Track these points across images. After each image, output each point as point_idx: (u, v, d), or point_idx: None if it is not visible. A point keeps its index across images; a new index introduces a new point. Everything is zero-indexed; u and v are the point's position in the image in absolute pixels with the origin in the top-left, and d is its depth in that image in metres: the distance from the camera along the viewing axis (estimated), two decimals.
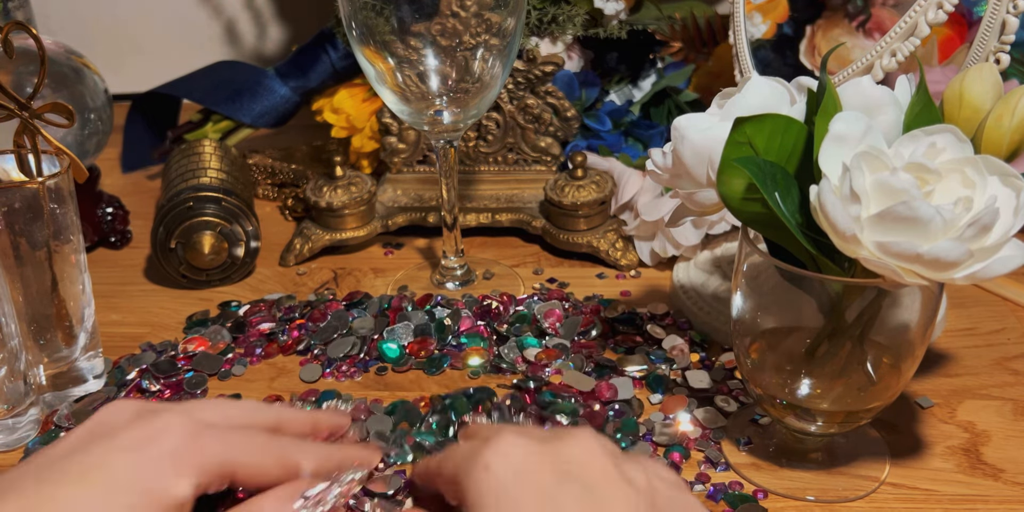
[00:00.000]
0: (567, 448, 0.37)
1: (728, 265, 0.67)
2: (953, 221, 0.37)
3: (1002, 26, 0.54)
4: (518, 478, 0.36)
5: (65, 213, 0.53)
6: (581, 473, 0.36)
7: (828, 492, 0.49)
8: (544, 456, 0.37)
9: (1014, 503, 0.48)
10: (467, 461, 0.37)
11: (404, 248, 0.76)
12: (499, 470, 0.36)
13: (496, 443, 0.37)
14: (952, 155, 0.39)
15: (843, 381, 0.46)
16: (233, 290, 0.71)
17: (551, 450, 0.37)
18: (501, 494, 0.35)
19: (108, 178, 0.90)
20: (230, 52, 1.13)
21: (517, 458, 0.37)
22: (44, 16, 1.08)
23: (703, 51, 0.85)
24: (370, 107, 0.81)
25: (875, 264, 0.38)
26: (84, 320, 0.57)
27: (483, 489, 0.36)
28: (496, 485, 0.36)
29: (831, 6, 0.70)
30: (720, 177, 0.42)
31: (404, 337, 0.62)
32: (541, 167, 0.77)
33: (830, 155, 0.40)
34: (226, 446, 0.40)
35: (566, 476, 0.36)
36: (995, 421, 0.54)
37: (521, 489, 0.35)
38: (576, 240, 0.72)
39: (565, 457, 0.37)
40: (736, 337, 0.48)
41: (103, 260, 0.76)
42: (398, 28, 0.56)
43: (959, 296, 0.66)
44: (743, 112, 0.42)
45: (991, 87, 0.41)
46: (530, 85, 0.74)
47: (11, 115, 0.52)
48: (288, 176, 0.85)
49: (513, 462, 0.36)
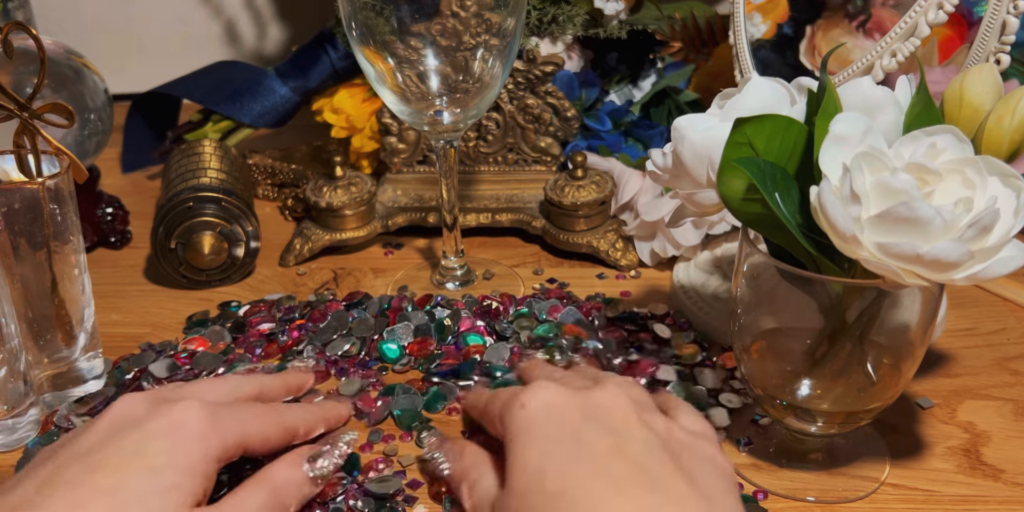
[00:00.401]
0: (596, 395, 0.43)
1: (728, 265, 0.67)
2: (953, 222, 0.37)
3: (1002, 27, 0.54)
4: (549, 415, 0.42)
5: (65, 213, 0.53)
6: (604, 416, 0.42)
7: (828, 493, 0.49)
8: (574, 399, 0.42)
9: (1014, 504, 0.48)
10: (509, 400, 0.43)
11: (404, 248, 0.76)
12: (533, 408, 0.42)
13: (534, 387, 0.43)
14: (952, 156, 0.39)
15: (843, 382, 0.46)
16: (233, 290, 0.71)
17: (582, 395, 0.43)
18: (533, 427, 0.41)
19: (108, 178, 0.90)
20: (230, 52, 1.13)
21: (549, 399, 0.42)
22: (44, 16, 1.08)
23: (703, 51, 0.85)
24: (370, 107, 0.81)
25: (875, 265, 0.38)
26: (84, 320, 0.57)
27: (518, 423, 0.42)
28: (529, 420, 0.42)
29: (831, 6, 0.70)
30: (720, 178, 0.42)
31: (404, 337, 0.62)
32: (541, 167, 0.77)
33: (830, 156, 0.39)
34: (239, 422, 0.45)
35: (590, 417, 0.41)
36: (995, 421, 0.54)
37: (550, 423, 0.41)
38: (576, 240, 0.72)
39: (593, 402, 0.42)
40: (736, 337, 0.48)
41: (103, 260, 0.76)
42: (398, 28, 0.56)
43: (959, 296, 0.66)
44: (743, 113, 0.42)
45: (991, 88, 0.41)
46: (530, 85, 0.74)
47: (11, 115, 0.52)
48: (288, 176, 0.85)
49: (546, 402, 0.42)
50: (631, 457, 0.39)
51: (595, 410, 0.42)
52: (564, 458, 0.39)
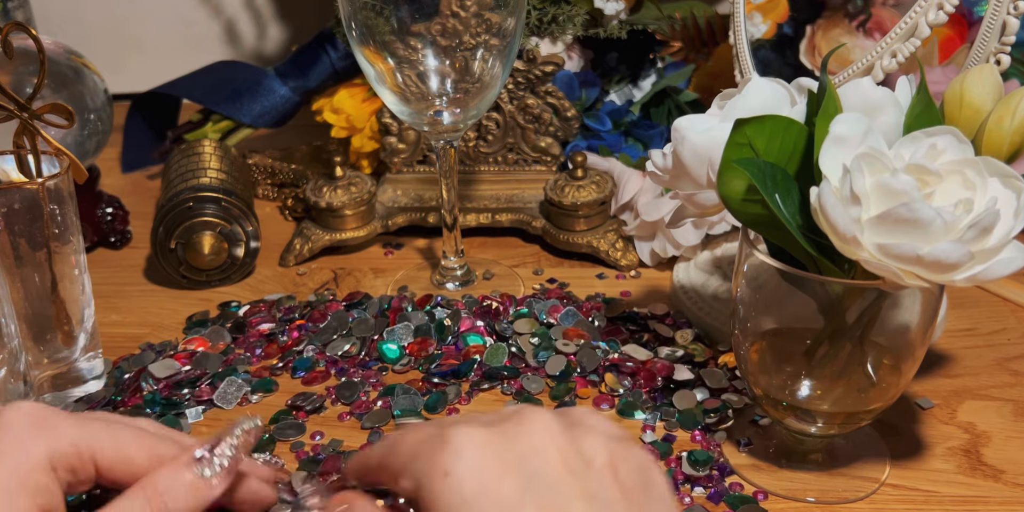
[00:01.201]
0: (525, 436, 0.36)
1: (728, 265, 0.67)
2: (954, 223, 0.37)
3: (1003, 27, 0.54)
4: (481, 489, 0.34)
5: (65, 214, 0.53)
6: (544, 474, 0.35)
7: (828, 493, 0.49)
8: (504, 451, 0.35)
9: (1014, 504, 0.48)
10: (423, 464, 0.36)
11: (404, 248, 0.76)
12: (462, 476, 0.35)
13: (451, 442, 0.35)
14: (952, 157, 0.39)
15: (843, 382, 0.46)
16: (233, 290, 0.71)
17: (509, 441, 0.36)
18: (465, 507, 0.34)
19: (108, 178, 0.90)
20: (230, 52, 1.13)
21: (477, 459, 0.35)
22: (44, 16, 1.08)
23: (703, 51, 0.85)
24: (370, 107, 0.80)
25: (875, 266, 0.38)
26: (84, 321, 0.57)
27: (445, 499, 0.35)
28: (460, 498, 0.34)
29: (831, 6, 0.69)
30: (720, 178, 0.42)
31: (404, 338, 0.62)
32: (541, 167, 0.77)
33: (830, 156, 0.39)
34: (83, 431, 0.39)
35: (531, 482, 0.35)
36: (995, 422, 0.54)
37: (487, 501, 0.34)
38: (576, 240, 0.72)
39: (525, 451, 0.35)
40: (736, 338, 0.48)
41: (103, 260, 0.76)
42: (398, 28, 0.56)
43: (959, 297, 0.66)
44: (743, 113, 0.42)
45: (992, 88, 0.41)
46: (530, 85, 0.74)
47: (11, 116, 0.52)
48: (288, 176, 0.85)
49: (475, 465, 0.35)
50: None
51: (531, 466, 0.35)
52: None
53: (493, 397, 0.57)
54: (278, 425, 0.55)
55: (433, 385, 0.58)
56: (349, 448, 0.53)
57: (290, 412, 0.56)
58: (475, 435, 0.36)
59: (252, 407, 0.57)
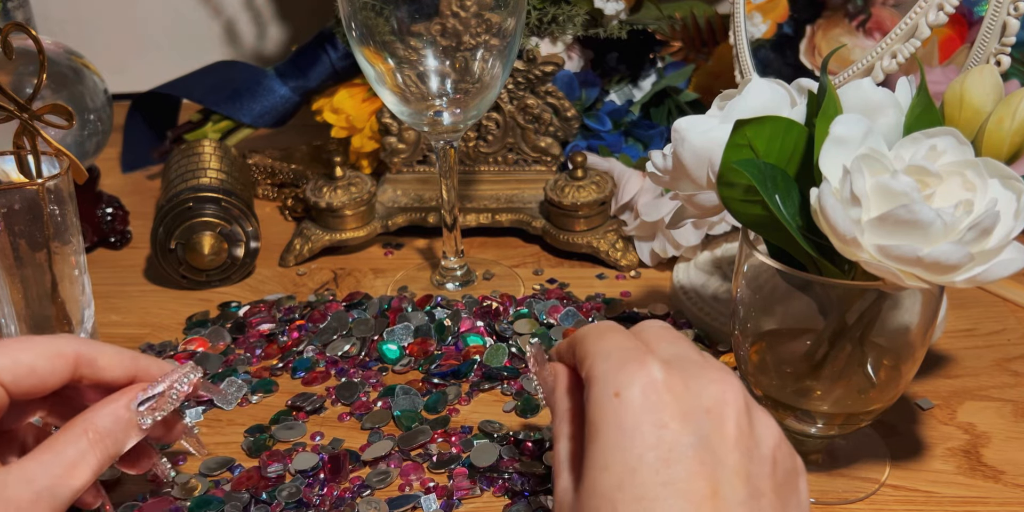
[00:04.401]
0: (707, 392, 0.36)
1: (728, 266, 0.67)
2: (954, 224, 0.37)
3: (1003, 28, 0.54)
4: (646, 416, 0.34)
5: (65, 214, 0.53)
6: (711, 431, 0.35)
7: (828, 494, 0.49)
8: (681, 396, 0.35)
9: (1014, 505, 0.48)
10: (599, 376, 0.36)
11: (404, 248, 0.76)
12: (629, 400, 0.35)
13: (634, 366, 0.36)
14: (953, 158, 0.39)
15: (843, 383, 0.46)
16: (233, 291, 0.71)
17: (690, 390, 0.35)
18: (623, 428, 0.34)
19: (108, 178, 0.90)
20: (230, 52, 1.13)
21: (651, 391, 0.35)
22: (44, 16, 1.08)
23: (703, 51, 0.85)
24: (370, 107, 0.80)
25: (875, 267, 0.38)
26: (84, 321, 0.57)
27: (607, 416, 0.35)
28: (621, 418, 0.34)
29: (831, 6, 0.69)
30: (720, 179, 0.42)
31: (404, 338, 0.62)
32: (541, 167, 0.77)
33: (830, 157, 0.39)
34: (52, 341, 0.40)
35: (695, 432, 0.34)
36: (995, 422, 0.54)
37: (645, 430, 0.34)
38: (576, 240, 0.72)
39: (703, 405, 0.35)
40: (736, 338, 0.48)
41: (103, 260, 0.76)
42: (398, 28, 0.56)
43: (959, 297, 0.66)
44: (743, 114, 0.42)
45: (992, 89, 0.41)
46: (530, 85, 0.74)
47: (11, 116, 0.52)
48: (288, 176, 0.85)
49: (646, 395, 0.35)
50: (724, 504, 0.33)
51: (702, 420, 0.35)
52: (649, 484, 0.33)
53: (493, 397, 0.57)
54: (278, 426, 0.55)
55: (433, 385, 0.58)
56: (350, 447, 0.53)
57: (290, 412, 0.56)
58: (656, 367, 0.35)
59: (252, 407, 0.57)
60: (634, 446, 0.34)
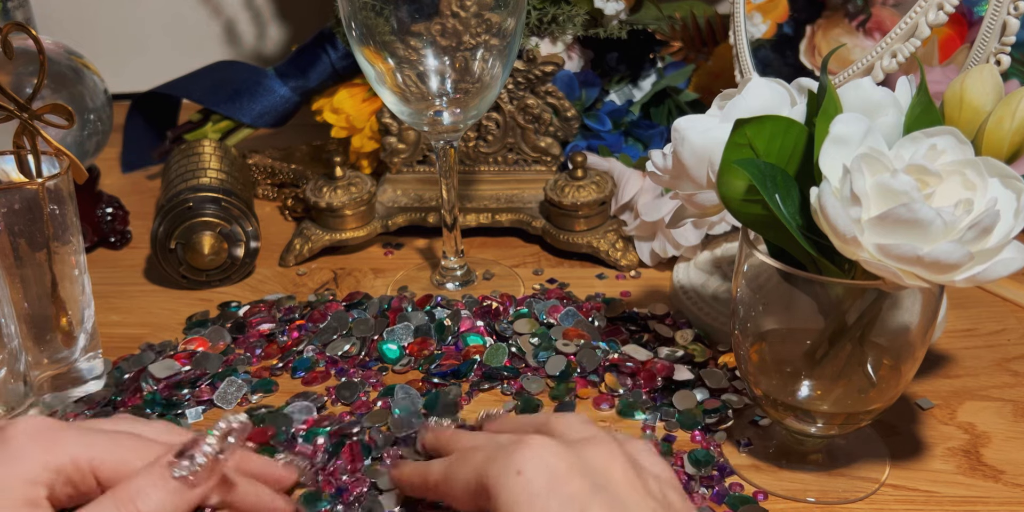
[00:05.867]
0: (592, 455, 0.38)
1: (728, 266, 0.67)
2: (953, 223, 0.37)
3: (1003, 27, 0.54)
4: (552, 485, 0.36)
5: (65, 214, 0.53)
6: (607, 483, 0.37)
7: (828, 494, 0.49)
8: (575, 462, 0.38)
9: (1014, 505, 0.48)
10: (497, 465, 0.38)
11: (404, 248, 0.76)
12: (533, 475, 0.37)
13: (526, 445, 0.38)
14: (953, 157, 0.39)
15: (843, 383, 0.46)
16: (233, 290, 0.71)
17: (578, 455, 0.38)
18: (535, 501, 0.36)
19: (108, 178, 0.90)
20: (230, 52, 1.13)
21: (550, 463, 0.37)
22: (44, 16, 1.08)
23: (703, 51, 0.85)
24: (370, 107, 0.80)
25: (875, 266, 0.38)
26: (84, 321, 0.57)
27: (516, 495, 0.36)
28: (530, 492, 0.36)
29: (831, 6, 0.70)
30: (720, 179, 0.42)
31: (404, 338, 0.62)
32: (541, 167, 0.77)
33: (830, 157, 0.39)
34: (84, 445, 0.39)
35: (596, 488, 0.37)
36: (995, 422, 0.54)
37: (555, 498, 0.36)
38: (576, 240, 0.72)
39: (592, 465, 0.38)
40: (736, 338, 0.48)
41: (103, 260, 0.76)
42: (398, 28, 0.56)
43: (959, 297, 0.66)
44: (743, 114, 0.42)
45: (992, 89, 0.41)
46: (530, 85, 0.74)
47: (11, 116, 0.52)
48: (288, 176, 0.85)
49: (547, 467, 0.37)
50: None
51: (597, 476, 0.37)
52: None
53: (493, 397, 0.57)
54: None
55: (433, 385, 0.58)
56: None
57: None
58: (548, 444, 0.38)
59: (252, 407, 0.57)
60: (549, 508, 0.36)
